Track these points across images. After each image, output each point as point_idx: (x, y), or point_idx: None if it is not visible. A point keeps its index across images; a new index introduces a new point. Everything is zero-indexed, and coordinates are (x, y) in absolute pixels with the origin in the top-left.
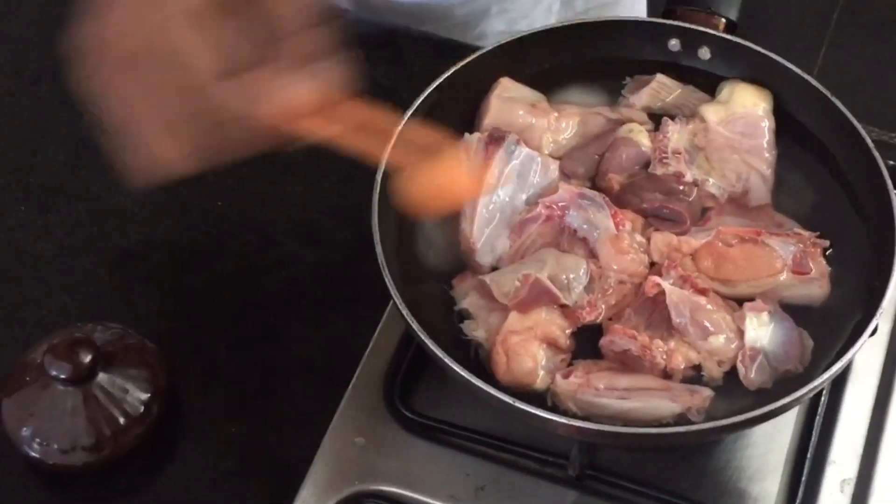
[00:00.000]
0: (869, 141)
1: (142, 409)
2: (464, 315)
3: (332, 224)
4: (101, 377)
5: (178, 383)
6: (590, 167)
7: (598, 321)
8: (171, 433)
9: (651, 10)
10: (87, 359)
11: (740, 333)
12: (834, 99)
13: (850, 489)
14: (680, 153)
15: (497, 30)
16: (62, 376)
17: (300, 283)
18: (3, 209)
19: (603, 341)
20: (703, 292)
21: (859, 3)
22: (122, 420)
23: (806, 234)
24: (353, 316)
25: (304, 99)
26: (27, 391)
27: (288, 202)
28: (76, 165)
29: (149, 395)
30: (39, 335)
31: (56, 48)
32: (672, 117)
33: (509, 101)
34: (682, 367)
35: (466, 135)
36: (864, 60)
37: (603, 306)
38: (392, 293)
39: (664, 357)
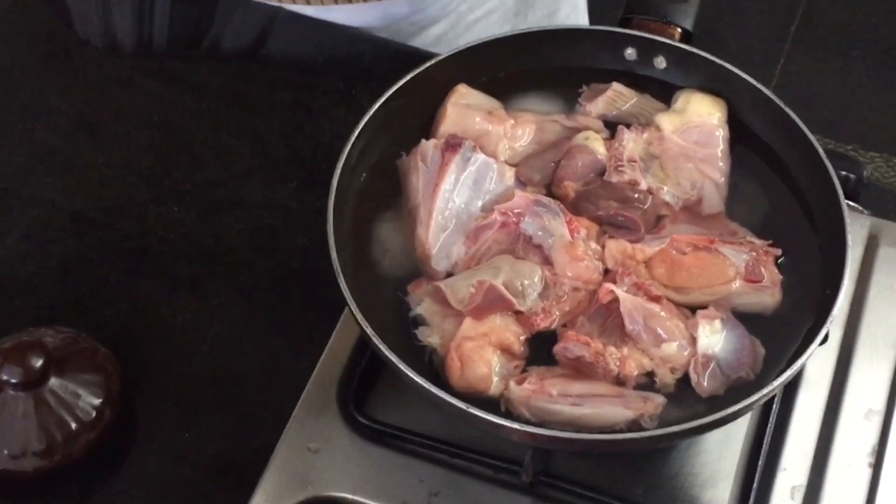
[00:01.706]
0: (821, 151)
1: (94, 413)
2: (418, 321)
3: (289, 230)
4: (53, 382)
5: (131, 388)
6: (546, 174)
7: (553, 328)
8: (123, 439)
9: (601, 20)
10: (39, 363)
11: (693, 341)
12: (787, 109)
13: (800, 496)
14: (635, 161)
15: (449, 39)
16: (13, 381)
17: (257, 289)
18: None
19: (557, 348)
20: (656, 300)
21: (817, 16)
22: (73, 425)
23: (758, 242)
24: (308, 322)
25: None
26: None
27: (245, 208)
28: (31, 170)
29: (101, 399)
30: None
31: (14, 52)
32: (628, 125)
33: (466, 107)
34: (636, 373)
35: (423, 141)
36: (821, 72)
37: (557, 313)
38: (347, 298)
39: (617, 364)
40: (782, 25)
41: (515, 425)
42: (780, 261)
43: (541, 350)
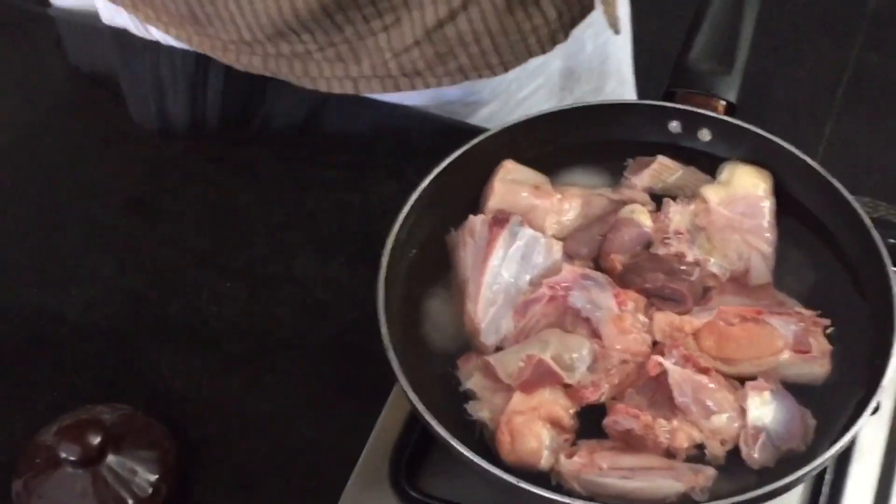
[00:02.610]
0: (868, 221)
1: (150, 490)
2: (469, 395)
3: (340, 304)
4: (111, 459)
5: (186, 464)
6: (593, 248)
7: (602, 401)
8: None
9: (646, 92)
10: (97, 440)
11: (743, 412)
12: (832, 179)
13: None
14: (682, 233)
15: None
16: (72, 458)
17: (309, 364)
18: (18, 291)
19: (606, 421)
20: (705, 371)
21: (865, 77)
22: (131, 501)
23: (807, 312)
24: (360, 396)
25: None
26: (38, 473)
27: (296, 283)
28: (89, 249)
29: (157, 475)
30: (50, 416)
31: (71, 135)
32: (674, 198)
33: (513, 183)
34: (686, 446)
35: (471, 216)
36: (870, 133)
37: (606, 386)
38: (397, 374)
39: (667, 436)
40: (829, 88)
41: (567, 499)
42: (828, 331)
43: (590, 423)
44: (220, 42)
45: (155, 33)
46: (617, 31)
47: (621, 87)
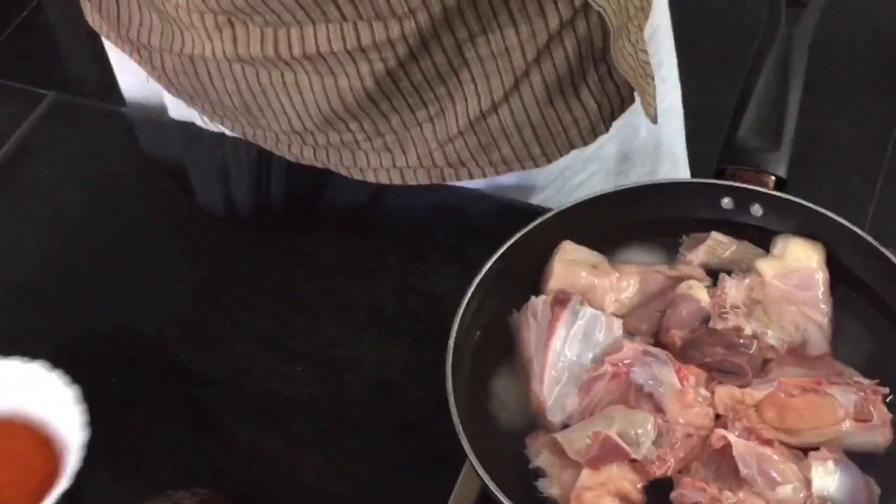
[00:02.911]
0: None
1: None
2: (538, 473)
3: (406, 385)
4: None
5: None
6: (652, 324)
7: (668, 474)
8: None
9: (697, 169)
10: None
11: (807, 482)
12: (883, 249)
13: None
14: (738, 307)
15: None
16: None
17: (378, 444)
18: (97, 381)
19: (674, 494)
20: (768, 443)
21: None
22: None
23: (866, 381)
24: (429, 475)
25: None
26: None
27: (363, 364)
28: (162, 338)
29: None
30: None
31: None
32: (729, 273)
33: (572, 263)
34: None
35: (532, 298)
36: None
37: (672, 459)
38: (468, 455)
39: None
40: (878, 144)
41: None
42: (888, 399)
43: (658, 496)
44: (273, 133)
45: (219, 125)
46: (654, 121)
47: (675, 168)
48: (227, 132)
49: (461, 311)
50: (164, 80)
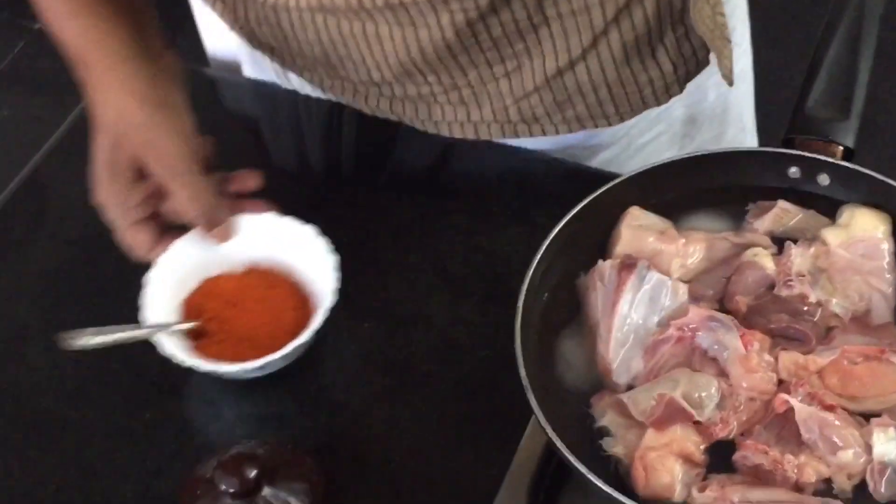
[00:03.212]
0: None
1: None
2: (603, 432)
3: (472, 343)
4: (266, 491)
5: (333, 496)
6: (717, 290)
7: (731, 437)
8: None
9: (765, 138)
10: (253, 473)
11: (868, 448)
12: None
13: None
14: (804, 275)
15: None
16: (231, 490)
17: (445, 400)
18: None
19: (736, 456)
20: (830, 409)
21: None
22: None
23: None
24: (494, 432)
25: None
26: None
27: (430, 322)
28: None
29: None
30: (207, 451)
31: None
32: (794, 241)
33: (639, 229)
34: (813, 480)
35: (600, 261)
36: None
37: (735, 423)
38: (536, 413)
39: (795, 471)
40: None
41: None
42: None
43: (720, 458)
44: (351, 84)
45: (294, 81)
46: (730, 83)
47: (742, 134)
48: (300, 89)
49: (530, 273)
50: (246, 29)
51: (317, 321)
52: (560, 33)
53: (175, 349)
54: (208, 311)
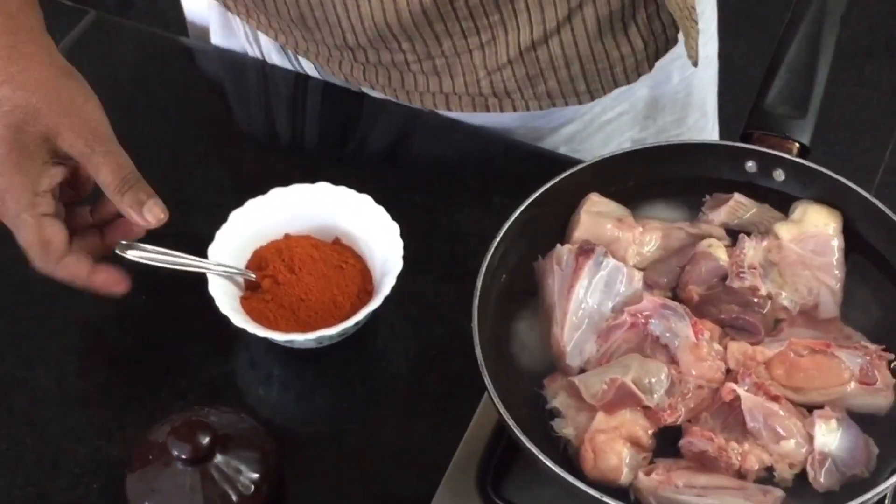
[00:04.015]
0: None
1: (253, 488)
2: (554, 413)
3: (428, 320)
4: (218, 458)
5: (284, 465)
6: (671, 279)
7: (678, 423)
8: None
9: (724, 131)
10: (206, 440)
11: (810, 438)
12: None
13: None
14: (755, 268)
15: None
16: (183, 456)
17: (399, 375)
18: (126, 298)
19: (682, 442)
20: (775, 399)
21: None
22: (235, 498)
23: (872, 346)
24: (446, 408)
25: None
26: (150, 468)
27: (388, 298)
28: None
29: (259, 475)
30: (160, 417)
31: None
32: (748, 234)
33: (598, 215)
34: (756, 468)
35: (558, 246)
36: None
37: (682, 409)
38: (489, 391)
39: (739, 458)
40: (892, 110)
41: None
42: (892, 364)
43: (667, 443)
44: (326, 49)
45: (263, 48)
46: (695, 64)
47: (703, 119)
48: (268, 58)
49: (489, 253)
50: None
51: (385, 288)
52: (536, 5)
53: (223, 295)
54: (269, 268)
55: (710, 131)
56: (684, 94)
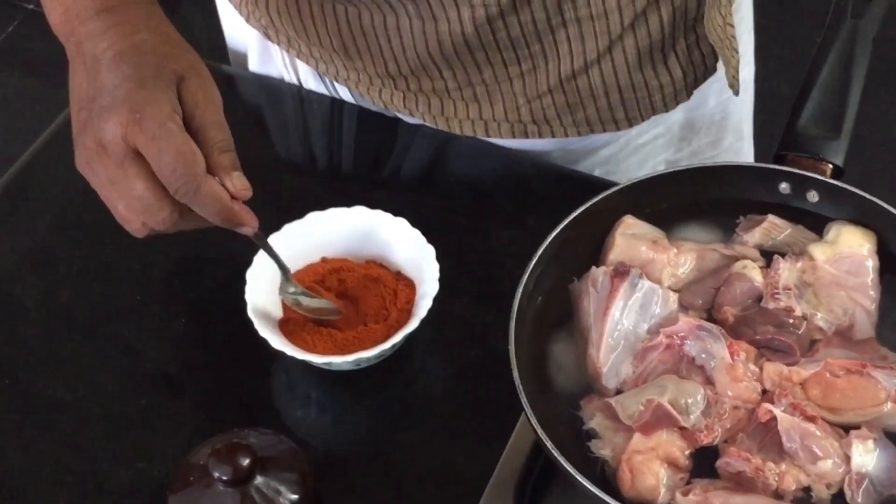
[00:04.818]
0: None
1: None
2: (591, 434)
3: (464, 342)
4: (258, 480)
5: (322, 487)
6: (706, 300)
7: (715, 444)
8: None
9: (758, 151)
10: (247, 462)
11: (847, 459)
12: None
13: None
14: (790, 289)
15: (617, 160)
16: (224, 478)
17: (436, 396)
18: (166, 322)
19: (719, 462)
20: (812, 419)
21: None
22: None
23: None
24: (482, 428)
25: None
26: (191, 490)
27: (423, 320)
28: (232, 283)
29: (298, 496)
30: (200, 439)
31: None
32: (783, 255)
33: (632, 237)
34: (793, 488)
35: (593, 268)
36: None
37: (719, 430)
38: (526, 412)
39: (776, 478)
40: None
41: None
42: None
43: (704, 464)
44: (367, 77)
45: (301, 75)
46: (736, 93)
47: (738, 142)
48: (305, 84)
49: (526, 275)
50: (265, 19)
51: (422, 311)
52: (577, 37)
53: (261, 319)
54: (309, 287)
55: (745, 153)
56: (720, 117)
